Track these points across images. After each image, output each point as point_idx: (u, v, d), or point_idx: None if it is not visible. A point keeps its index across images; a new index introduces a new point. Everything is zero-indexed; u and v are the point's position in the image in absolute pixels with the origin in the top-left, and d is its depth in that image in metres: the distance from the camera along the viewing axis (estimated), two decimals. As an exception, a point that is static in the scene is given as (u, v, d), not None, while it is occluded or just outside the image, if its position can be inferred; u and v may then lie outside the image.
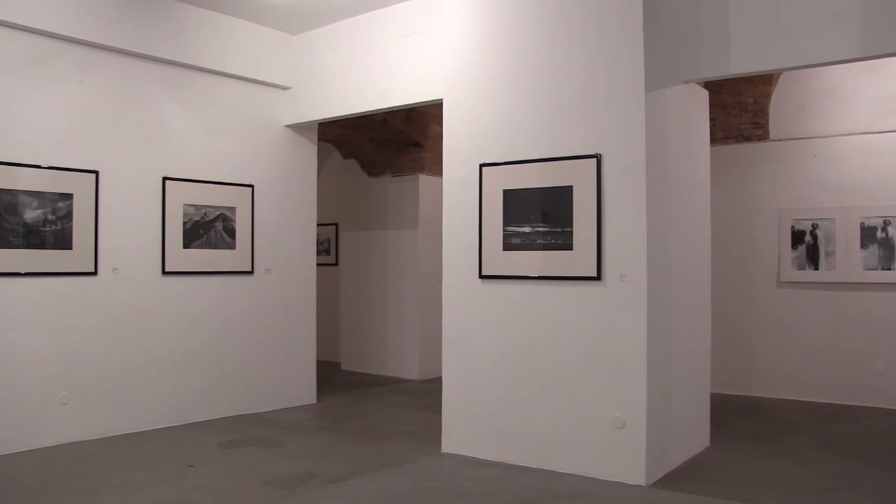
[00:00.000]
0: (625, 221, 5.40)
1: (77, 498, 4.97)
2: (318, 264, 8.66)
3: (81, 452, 6.15)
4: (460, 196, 6.25)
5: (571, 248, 5.61)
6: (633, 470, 5.31)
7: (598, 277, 5.47)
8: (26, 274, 6.23)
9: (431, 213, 9.84)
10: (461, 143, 6.27)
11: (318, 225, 8.79)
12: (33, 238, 6.27)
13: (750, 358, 8.74)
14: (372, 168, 10.65)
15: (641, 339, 5.29)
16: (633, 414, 5.31)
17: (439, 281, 6.59)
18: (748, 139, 8.84)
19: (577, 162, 5.59)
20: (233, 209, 7.68)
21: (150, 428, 6.95)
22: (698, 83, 6.26)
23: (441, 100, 6.51)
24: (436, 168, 9.82)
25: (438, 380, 6.66)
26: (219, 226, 7.57)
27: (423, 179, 10.17)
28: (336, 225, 11.54)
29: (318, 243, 10.34)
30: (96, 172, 6.64)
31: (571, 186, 5.61)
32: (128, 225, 6.89)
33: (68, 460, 5.91)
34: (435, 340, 7.29)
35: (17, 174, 6.18)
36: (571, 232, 5.61)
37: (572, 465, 5.56)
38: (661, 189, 5.57)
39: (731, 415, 7.63)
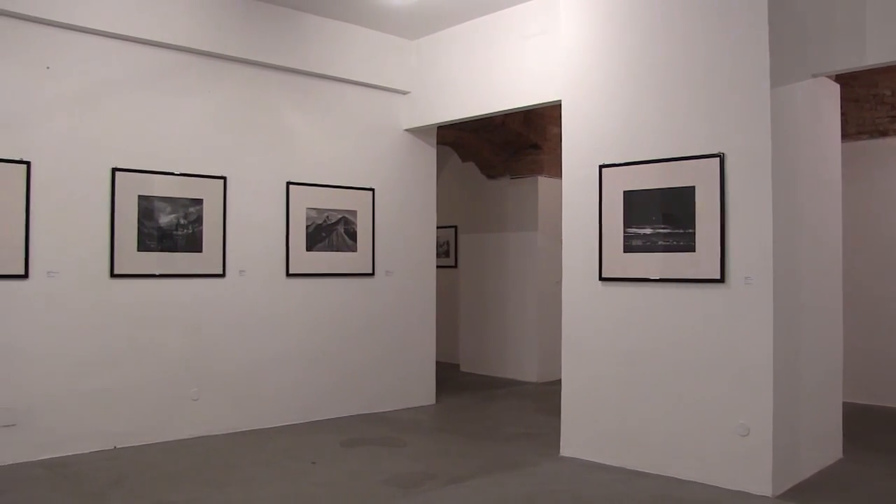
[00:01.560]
0: (750, 222, 5.18)
1: (208, 488, 5.19)
2: (437, 266, 8.73)
3: (211, 446, 6.41)
4: (580, 198, 6.17)
5: (694, 250, 5.44)
6: (758, 480, 5.09)
7: (722, 280, 5.27)
8: (160, 275, 6.57)
9: (550, 215, 9.76)
10: (580, 145, 6.19)
11: (438, 227, 8.86)
12: (167, 241, 6.59)
13: (887, 366, 8.21)
14: (491, 170, 10.66)
15: (767, 343, 5.07)
16: (759, 421, 5.09)
17: (558, 283, 6.53)
18: (884, 134, 8.32)
19: (699, 161, 5.41)
20: (354, 212, 7.84)
21: (275, 425, 7.18)
22: (828, 76, 5.95)
23: (560, 101, 6.44)
24: (555, 170, 9.73)
25: (557, 382, 6.59)
26: (341, 229, 7.75)
27: (542, 181, 10.09)
28: (455, 227, 11.61)
29: (438, 246, 10.44)
30: (224, 178, 6.93)
31: (694, 187, 5.44)
32: (253, 228, 7.15)
33: (200, 453, 6.18)
34: (554, 343, 7.24)
35: (153, 181, 6.52)
36: (694, 233, 5.44)
37: (694, 473, 5.39)
38: (788, 188, 5.33)
39: (867, 425, 7.21)
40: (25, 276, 5.89)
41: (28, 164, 5.89)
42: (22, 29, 5.89)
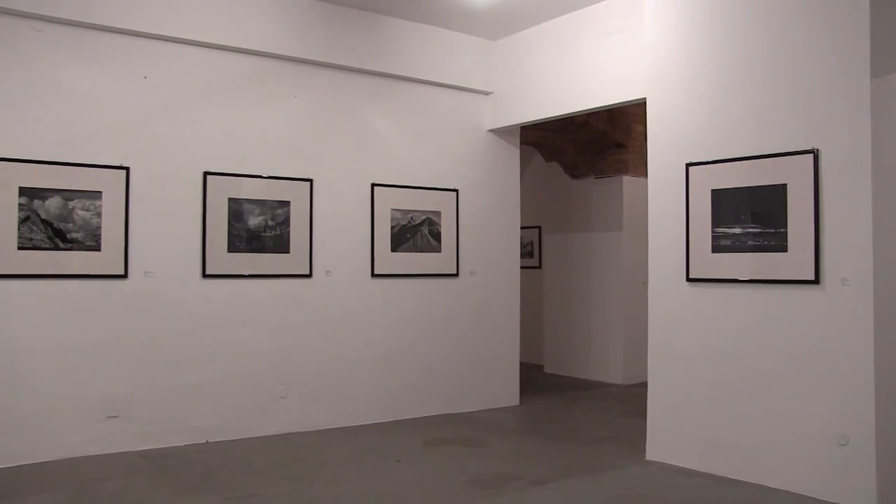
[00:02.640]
0: (847, 220, 4.97)
1: (296, 484, 5.31)
2: (521, 267, 8.71)
3: (298, 443, 6.56)
4: (666, 197, 6.06)
5: (786, 250, 5.27)
6: (860, 493, 4.84)
7: (816, 281, 5.08)
8: (249, 276, 6.75)
9: (636, 215, 9.62)
10: (666, 143, 6.07)
11: (522, 228, 8.84)
12: (255, 243, 6.78)
13: None
14: (574, 170, 10.57)
15: (867, 348, 4.84)
16: (860, 430, 4.86)
17: (644, 284, 6.43)
18: None
19: (791, 158, 5.24)
20: (438, 213, 7.89)
21: (360, 423, 7.29)
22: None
23: (644, 99, 6.35)
24: (640, 169, 9.59)
25: (643, 385, 6.49)
26: (425, 230, 7.81)
27: (627, 181, 9.95)
28: (539, 228, 11.56)
29: (522, 246, 10.41)
30: (311, 180, 7.08)
31: (785, 184, 5.27)
32: (339, 229, 7.27)
33: (287, 449, 6.33)
34: (639, 345, 7.12)
35: (242, 184, 6.72)
36: (786, 233, 5.27)
37: (787, 482, 5.20)
38: (890, 184, 5.07)
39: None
40: (125, 276, 6.17)
41: (127, 169, 6.17)
42: (121, 42, 6.19)
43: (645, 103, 6.31)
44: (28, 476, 5.46)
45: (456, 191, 8.03)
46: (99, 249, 6.06)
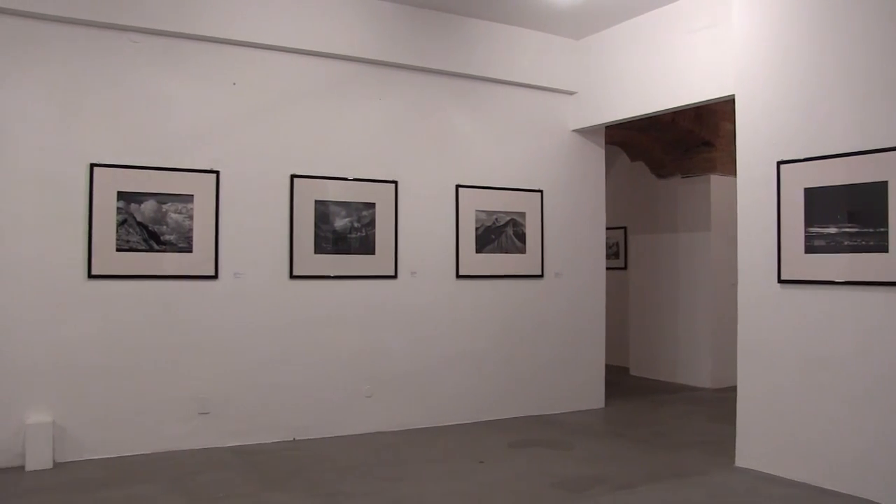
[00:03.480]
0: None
1: (381, 483, 5.38)
2: (607, 268, 8.61)
3: (383, 442, 6.63)
4: (756, 196, 5.88)
5: (886, 251, 5.03)
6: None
7: (919, 283, 4.85)
8: (335, 277, 6.87)
9: (724, 215, 9.39)
10: (756, 140, 5.90)
11: (607, 228, 8.73)
12: (341, 244, 6.89)
13: None
14: (661, 170, 10.38)
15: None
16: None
17: (733, 285, 6.26)
18: None
19: (893, 154, 5.00)
20: (522, 214, 7.87)
21: (444, 423, 7.33)
22: None
23: (733, 95, 6.19)
24: (728, 167, 9.35)
25: (732, 389, 6.33)
26: (510, 231, 7.80)
27: (715, 180, 9.72)
28: (625, 228, 11.39)
29: (607, 247, 10.28)
30: (395, 182, 7.16)
31: (886, 182, 5.04)
32: (424, 231, 7.33)
33: (372, 448, 6.41)
34: (728, 348, 6.95)
35: (328, 186, 6.84)
36: (886, 232, 5.03)
37: (889, 496, 4.92)
38: None
39: None
40: (215, 276, 6.36)
41: (217, 173, 6.37)
42: (210, 50, 6.40)
43: (734, 100, 6.15)
44: (126, 467, 5.70)
45: (540, 191, 7.99)
46: (191, 251, 6.27)
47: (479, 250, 7.62)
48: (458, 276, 7.50)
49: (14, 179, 5.74)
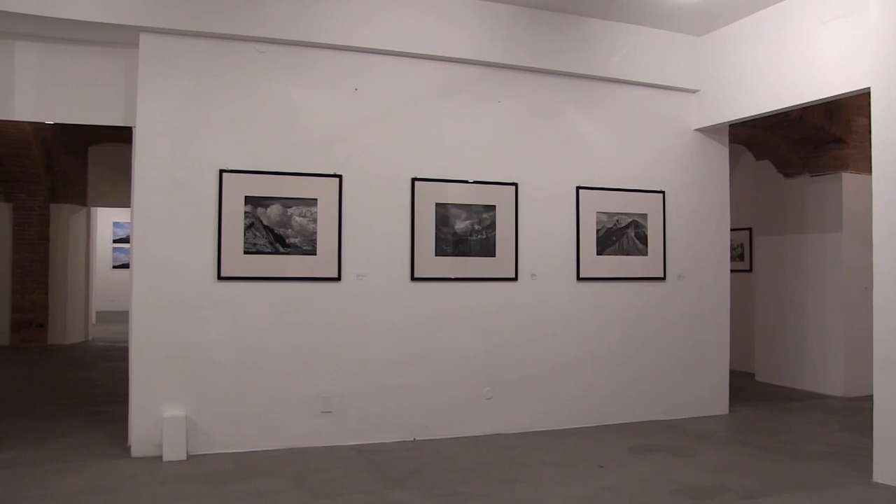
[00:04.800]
0: None
1: (500, 485, 5.39)
2: (731, 270, 8.34)
3: (503, 444, 6.64)
4: (894, 194, 5.57)
5: None
6: None
7: None
8: (456, 279, 6.94)
9: (857, 215, 8.95)
10: (893, 135, 5.57)
11: (732, 230, 8.47)
12: (462, 246, 6.95)
13: None
14: (788, 168, 9.98)
15: None
16: None
17: (867, 289, 5.95)
18: None
19: None
20: (644, 215, 7.73)
21: (564, 427, 7.28)
22: None
23: (868, 89, 5.88)
24: (862, 165, 8.91)
25: (867, 399, 6.03)
26: (631, 232, 7.68)
27: (847, 178, 9.25)
28: (750, 229, 11.02)
29: (732, 249, 9.98)
30: (516, 185, 7.16)
31: None
32: (544, 233, 7.30)
33: (491, 450, 6.43)
34: (862, 354, 6.62)
35: (448, 189, 6.92)
36: None
37: None
38: None
39: None
40: (338, 278, 6.54)
41: (340, 177, 6.55)
42: (333, 57, 6.59)
43: (868, 94, 5.85)
44: (253, 461, 5.93)
45: (662, 192, 7.83)
46: (315, 253, 6.47)
47: (599, 252, 7.53)
48: (579, 279, 7.44)
49: (151, 186, 6.10)
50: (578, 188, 7.45)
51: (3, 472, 5.52)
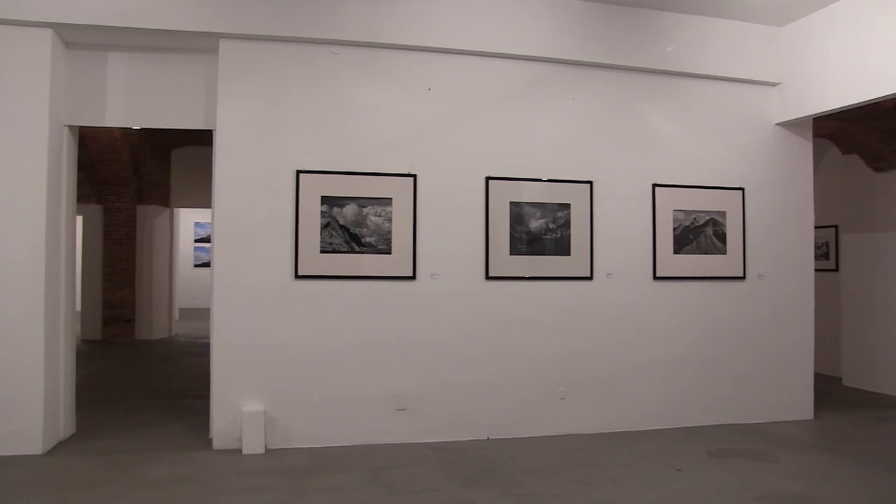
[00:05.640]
0: None
1: (573, 486, 5.34)
2: (815, 270, 8.06)
3: (576, 444, 6.58)
4: None
5: None
6: None
7: None
8: (530, 278, 6.90)
9: (955, 212, 8.55)
10: None
11: (816, 227, 8.18)
12: (536, 245, 6.91)
13: None
14: (878, 163, 9.60)
15: None
16: None
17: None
18: None
19: None
20: (723, 213, 7.54)
21: (638, 428, 7.16)
22: None
23: (965, 79, 5.60)
24: (960, 159, 8.51)
25: (966, 405, 5.73)
26: (709, 230, 7.50)
27: (944, 173, 8.85)
28: (836, 227, 10.63)
29: (816, 247, 9.65)
30: (590, 182, 7.08)
31: None
32: (619, 231, 7.20)
33: (565, 450, 6.37)
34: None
35: (522, 188, 6.88)
36: None
37: None
38: None
39: None
40: (413, 277, 6.58)
41: (414, 176, 6.58)
42: (406, 58, 6.65)
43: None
44: (329, 457, 6.03)
45: (742, 189, 7.62)
46: (390, 252, 6.52)
47: (676, 251, 7.38)
48: (655, 278, 7.31)
49: (231, 187, 6.28)
50: (655, 186, 7.32)
51: (99, 458, 5.87)
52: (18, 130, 5.96)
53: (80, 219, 13.55)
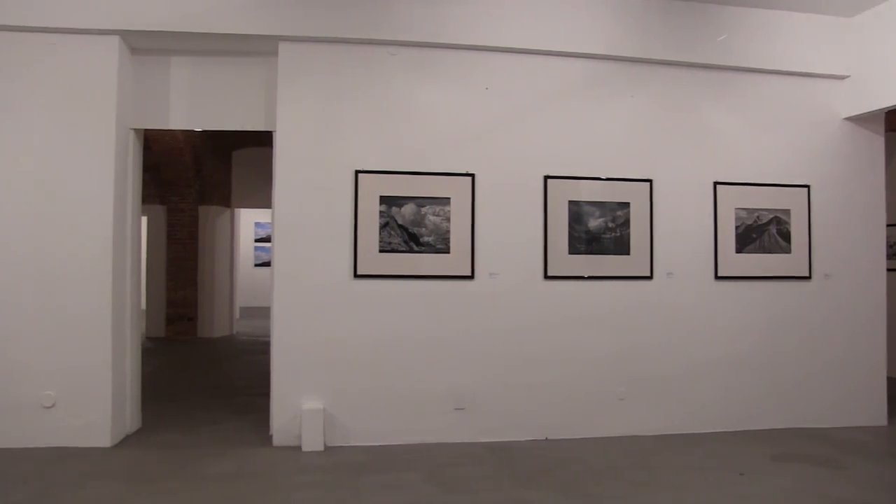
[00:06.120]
0: None
1: (632, 488, 5.27)
2: (887, 269, 7.81)
3: (636, 446, 6.49)
4: None
5: None
6: None
7: None
8: (589, 277, 6.83)
9: None
10: None
11: (888, 225, 7.93)
12: (595, 244, 6.84)
13: None
14: (952, 159, 9.27)
15: None
16: None
17: None
18: None
19: None
20: (787, 211, 7.36)
21: (700, 431, 7.03)
22: None
23: None
24: None
25: None
26: (772, 229, 7.33)
27: None
28: (908, 225, 10.30)
29: (888, 246, 9.35)
30: (650, 181, 6.98)
31: None
32: (680, 230, 7.08)
33: (625, 452, 6.30)
34: None
35: (581, 187, 6.82)
36: None
37: None
38: None
39: None
40: (472, 276, 6.58)
41: (472, 176, 6.58)
42: (463, 56, 6.65)
43: None
44: (387, 455, 6.06)
45: (807, 186, 7.42)
46: (448, 252, 6.53)
47: (739, 250, 7.23)
48: (717, 278, 7.17)
49: (291, 187, 6.37)
50: (716, 184, 7.17)
51: (164, 452, 6.03)
52: (88, 134, 6.15)
53: (144, 219, 13.87)
